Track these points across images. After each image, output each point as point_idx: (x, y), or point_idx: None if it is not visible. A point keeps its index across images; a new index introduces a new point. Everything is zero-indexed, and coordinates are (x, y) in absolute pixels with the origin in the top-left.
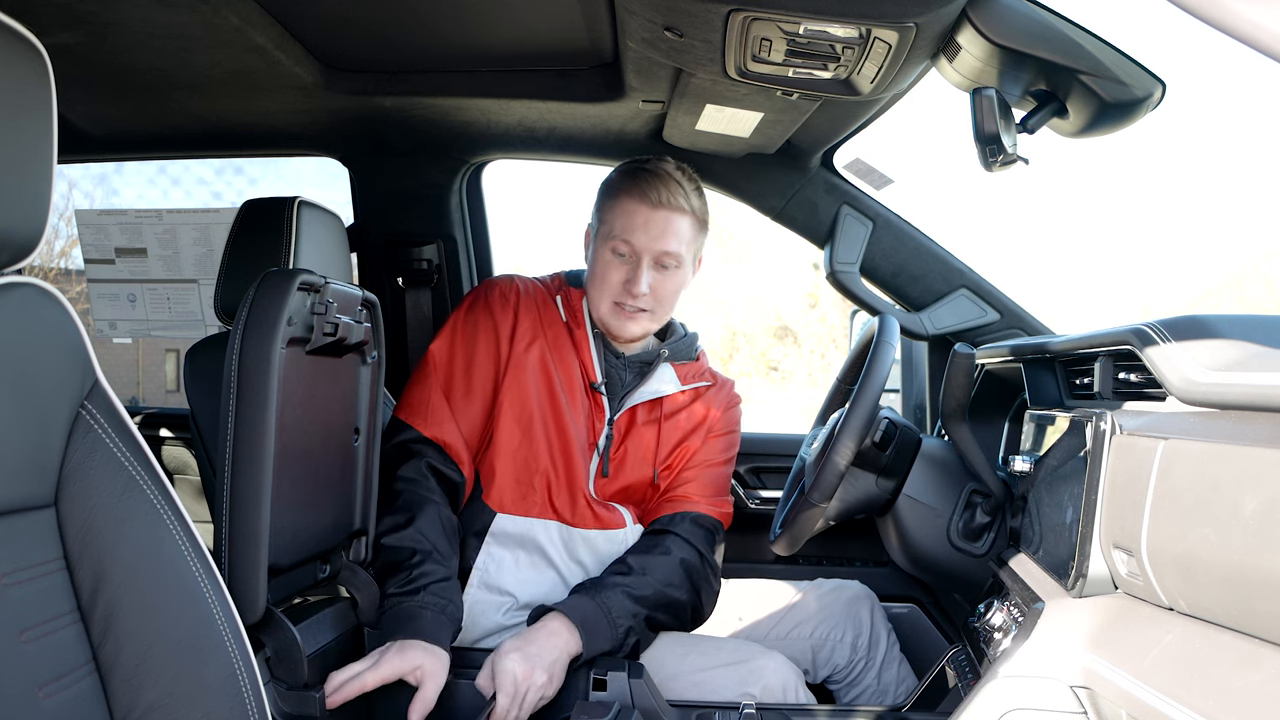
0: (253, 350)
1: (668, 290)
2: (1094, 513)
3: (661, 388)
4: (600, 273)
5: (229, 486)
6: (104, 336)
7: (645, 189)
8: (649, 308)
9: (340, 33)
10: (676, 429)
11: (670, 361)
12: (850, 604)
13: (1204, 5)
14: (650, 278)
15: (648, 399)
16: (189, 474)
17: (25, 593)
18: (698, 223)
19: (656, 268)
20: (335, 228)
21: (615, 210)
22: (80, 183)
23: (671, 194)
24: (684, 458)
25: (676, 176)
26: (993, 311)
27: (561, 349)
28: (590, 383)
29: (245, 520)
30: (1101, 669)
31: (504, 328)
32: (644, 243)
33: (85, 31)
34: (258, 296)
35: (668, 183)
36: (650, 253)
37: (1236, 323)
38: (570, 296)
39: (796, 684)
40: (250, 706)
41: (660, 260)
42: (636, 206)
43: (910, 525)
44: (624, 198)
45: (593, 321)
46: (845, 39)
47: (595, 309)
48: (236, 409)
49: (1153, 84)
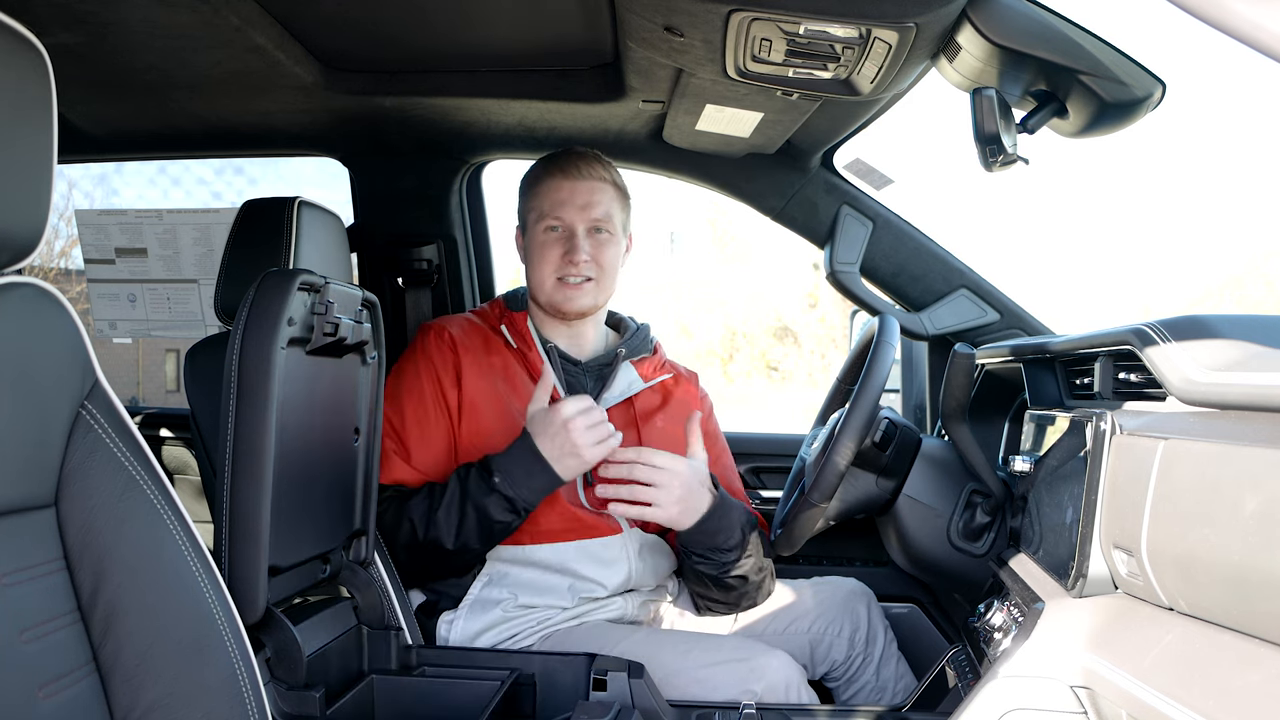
0: (253, 350)
1: (607, 258)
2: (1094, 513)
3: (626, 388)
4: (538, 254)
5: (229, 487)
6: (104, 336)
7: (564, 166)
8: (593, 275)
9: (340, 33)
10: (656, 432)
11: (629, 360)
12: (847, 600)
13: (1204, 5)
14: (588, 245)
15: (616, 402)
16: (189, 474)
17: (25, 593)
18: (620, 193)
19: (591, 235)
20: (335, 228)
21: (540, 193)
22: (80, 183)
23: (590, 166)
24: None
25: (590, 154)
26: (993, 311)
27: (513, 376)
28: (553, 400)
29: (245, 520)
30: (1101, 669)
31: (446, 375)
32: (574, 214)
33: (85, 31)
34: (258, 296)
35: (584, 157)
36: (583, 222)
37: (1236, 323)
38: (515, 321)
39: (799, 682)
40: (250, 706)
41: (593, 228)
42: (559, 183)
43: (910, 525)
44: (546, 179)
45: (543, 339)
46: (845, 39)
47: (540, 290)
48: (237, 409)
49: (1153, 84)
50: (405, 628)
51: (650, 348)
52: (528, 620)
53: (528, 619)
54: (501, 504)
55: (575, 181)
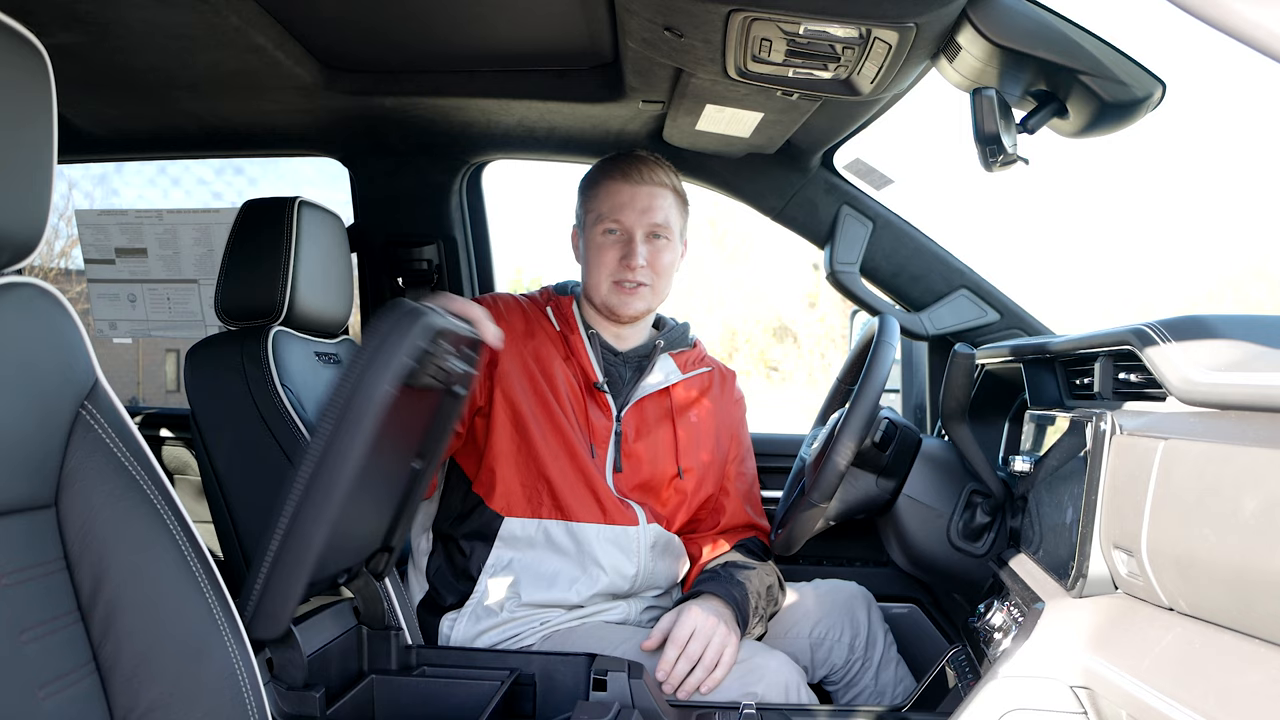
0: (372, 382)
1: (663, 263)
2: (1094, 513)
3: (664, 378)
4: (595, 256)
5: (296, 502)
6: (104, 336)
7: (626, 170)
8: (648, 281)
9: (340, 33)
10: (691, 426)
11: (668, 351)
12: (848, 604)
13: (1204, 5)
14: (645, 250)
15: (652, 391)
16: (189, 474)
17: (25, 593)
18: (680, 199)
19: (649, 241)
20: (335, 228)
21: (600, 195)
22: (80, 183)
23: (651, 171)
24: (716, 458)
25: (652, 159)
26: (993, 311)
27: (551, 357)
28: (593, 383)
29: (300, 540)
30: (1101, 669)
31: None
32: (633, 219)
33: (85, 31)
34: (391, 328)
35: (646, 162)
36: (641, 227)
37: (1236, 323)
38: (561, 305)
39: (799, 683)
40: (250, 706)
41: (651, 233)
42: (620, 186)
43: (910, 525)
44: (606, 181)
45: (586, 325)
46: (845, 39)
47: (595, 293)
48: (334, 432)
49: (1153, 84)
50: (405, 628)
51: (690, 342)
52: (530, 622)
53: (530, 620)
54: None
55: (636, 186)
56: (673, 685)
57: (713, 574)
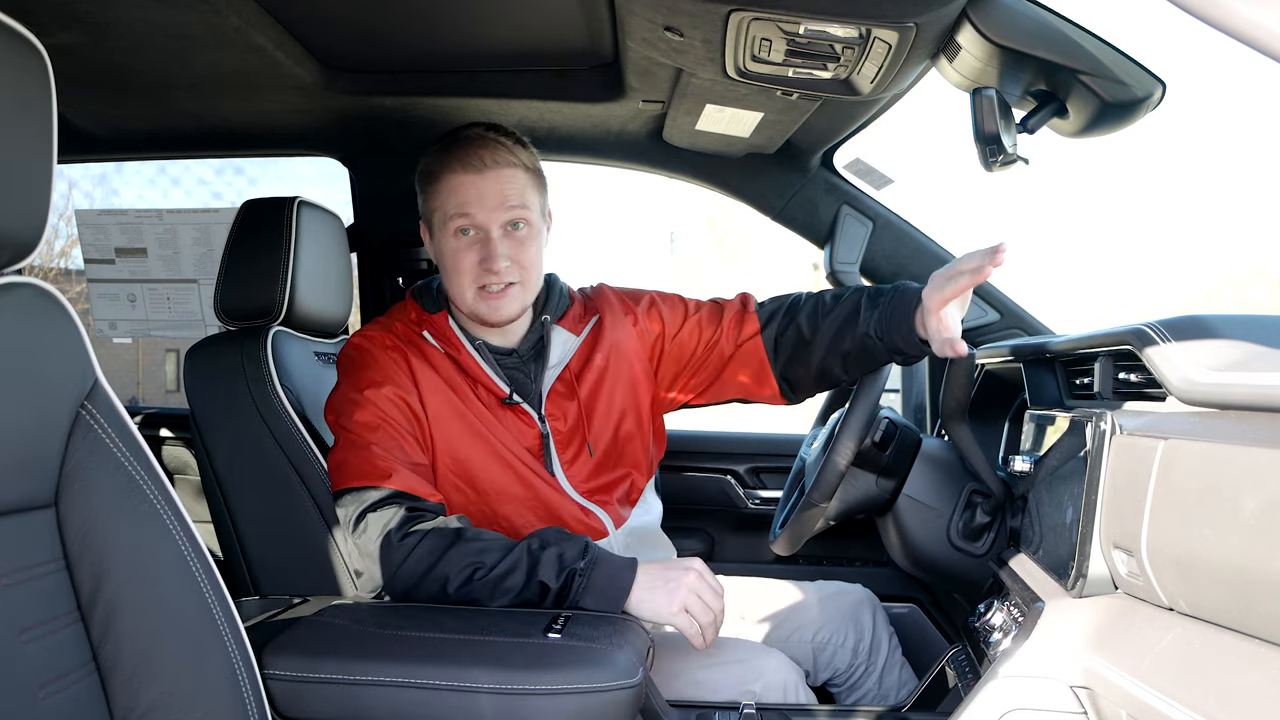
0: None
1: (529, 255)
2: (1094, 513)
3: (563, 353)
4: (452, 262)
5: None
6: (104, 336)
7: (465, 158)
8: (516, 279)
9: (340, 33)
10: (607, 377)
11: (556, 322)
12: (853, 609)
13: (1204, 5)
14: (506, 248)
15: (559, 372)
16: (189, 474)
17: (25, 593)
18: (531, 174)
19: (508, 235)
20: (335, 228)
21: (442, 191)
22: (80, 183)
23: (494, 154)
24: (647, 381)
25: (493, 135)
26: (993, 311)
27: (455, 382)
28: (502, 399)
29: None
30: (1101, 669)
31: (404, 383)
32: (485, 214)
33: (85, 31)
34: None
35: (486, 144)
36: (496, 222)
37: (1236, 323)
38: (435, 324)
39: (797, 683)
40: (250, 706)
41: (509, 223)
42: (462, 179)
43: (910, 525)
44: (447, 175)
45: (470, 336)
46: (845, 39)
47: (460, 302)
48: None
49: (1153, 84)
50: None
51: (568, 298)
52: None
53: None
54: (554, 566)
55: (480, 174)
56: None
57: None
